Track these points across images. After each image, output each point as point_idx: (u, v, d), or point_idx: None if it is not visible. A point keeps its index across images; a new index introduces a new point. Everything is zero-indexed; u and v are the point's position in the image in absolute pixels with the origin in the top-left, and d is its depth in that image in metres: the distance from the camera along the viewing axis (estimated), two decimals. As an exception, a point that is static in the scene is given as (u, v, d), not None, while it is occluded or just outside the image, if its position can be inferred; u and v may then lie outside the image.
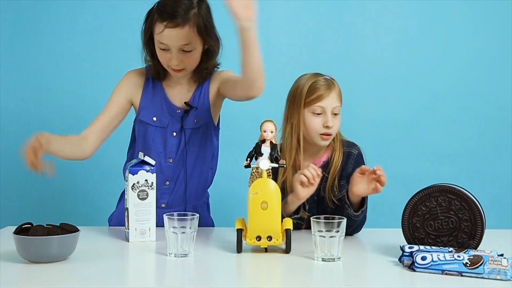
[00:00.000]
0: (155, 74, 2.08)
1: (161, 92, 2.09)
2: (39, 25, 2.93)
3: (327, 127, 1.98)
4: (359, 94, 2.98)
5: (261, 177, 1.75)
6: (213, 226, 2.20)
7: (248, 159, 1.79)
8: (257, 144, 1.79)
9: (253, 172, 1.83)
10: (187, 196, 2.12)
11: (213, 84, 2.10)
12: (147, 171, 1.87)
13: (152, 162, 1.88)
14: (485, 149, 2.97)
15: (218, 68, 2.11)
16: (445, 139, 2.97)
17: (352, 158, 2.03)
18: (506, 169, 2.96)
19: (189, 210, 2.11)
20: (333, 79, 2.05)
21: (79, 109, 2.90)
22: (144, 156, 1.88)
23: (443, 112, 2.97)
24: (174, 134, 2.07)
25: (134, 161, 1.90)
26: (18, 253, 1.63)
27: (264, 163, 1.74)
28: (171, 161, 2.07)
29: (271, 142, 1.79)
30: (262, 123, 1.82)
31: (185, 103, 2.07)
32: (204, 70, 2.07)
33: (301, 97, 2.00)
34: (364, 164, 2.01)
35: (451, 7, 2.95)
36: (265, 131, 1.79)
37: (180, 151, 2.08)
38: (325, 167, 2.03)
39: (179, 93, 2.09)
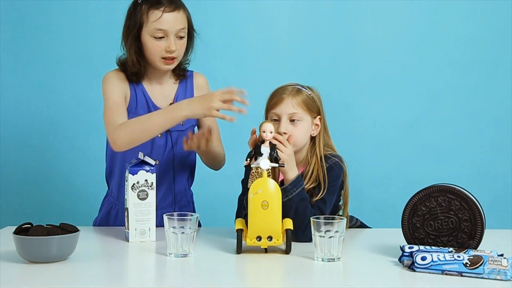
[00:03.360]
0: (134, 75, 2.05)
1: (145, 93, 2.08)
2: (40, 25, 2.93)
3: (278, 133, 1.91)
4: (359, 94, 2.98)
5: (261, 177, 1.75)
6: (200, 226, 2.19)
7: (248, 159, 1.79)
8: (256, 144, 1.80)
9: (253, 172, 1.83)
10: (176, 197, 2.14)
11: (197, 95, 2.11)
12: (147, 171, 1.86)
13: (152, 162, 1.88)
14: (485, 149, 2.97)
15: (188, 64, 2.14)
16: (445, 139, 2.97)
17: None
18: (506, 169, 2.96)
19: (177, 210, 2.12)
20: (301, 88, 2.00)
21: (80, 110, 2.90)
22: (144, 156, 1.88)
23: (443, 112, 2.97)
24: (159, 135, 2.05)
25: (134, 161, 1.90)
26: (18, 253, 1.63)
27: (265, 162, 1.75)
28: (157, 162, 2.03)
29: (270, 142, 1.80)
30: (262, 123, 1.82)
31: (170, 104, 2.06)
32: (180, 66, 2.11)
33: (266, 105, 2.01)
34: (335, 178, 1.95)
35: (451, 7, 2.95)
36: (264, 132, 1.80)
37: (166, 152, 2.08)
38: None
39: (160, 93, 2.10)
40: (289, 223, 1.76)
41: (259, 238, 1.73)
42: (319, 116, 1.99)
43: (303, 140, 1.97)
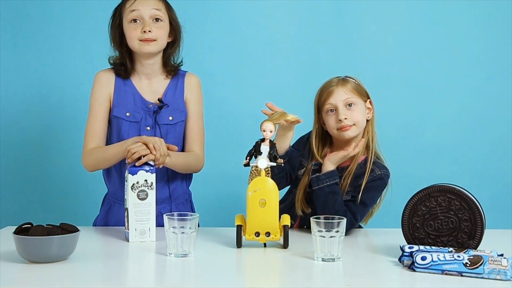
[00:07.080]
0: (123, 70, 2.13)
1: (132, 87, 2.14)
2: (40, 25, 2.93)
3: (339, 120, 2.01)
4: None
5: (260, 175, 1.77)
6: (199, 226, 2.19)
7: (248, 157, 1.81)
8: (256, 143, 1.82)
9: (252, 170, 1.85)
10: (172, 194, 2.15)
11: (187, 93, 2.18)
12: (147, 171, 1.87)
13: (152, 162, 1.88)
14: (485, 149, 2.97)
15: (181, 65, 2.19)
16: (445, 139, 2.97)
17: (371, 175, 2.02)
18: (506, 169, 2.96)
19: (174, 209, 2.14)
20: (345, 77, 2.09)
21: (81, 110, 2.90)
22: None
23: (444, 112, 2.97)
24: (148, 128, 2.10)
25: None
26: (18, 253, 1.63)
27: (263, 162, 1.78)
28: None
29: (270, 141, 1.81)
30: (262, 122, 1.83)
31: (158, 99, 2.12)
32: (171, 63, 2.16)
33: (316, 102, 2.09)
34: (380, 189, 2.04)
35: (451, 7, 2.95)
36: (264, 131, 1.81)
37: None
38: (343, 170, 2.04)
39: (149, 88, 2.15)
40: (286, 219, 1.80)
41: (257, 234, 1.77)
42: (369, 100, 2.10)
43: (363, 121, 2.07)
